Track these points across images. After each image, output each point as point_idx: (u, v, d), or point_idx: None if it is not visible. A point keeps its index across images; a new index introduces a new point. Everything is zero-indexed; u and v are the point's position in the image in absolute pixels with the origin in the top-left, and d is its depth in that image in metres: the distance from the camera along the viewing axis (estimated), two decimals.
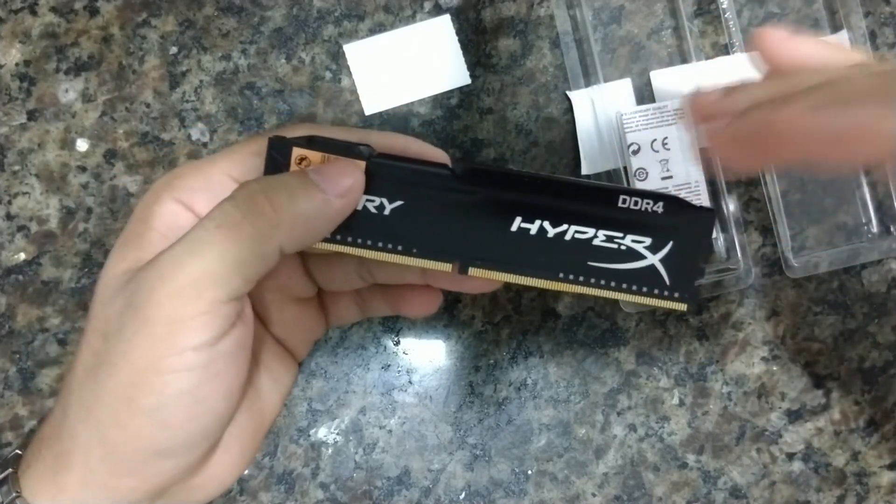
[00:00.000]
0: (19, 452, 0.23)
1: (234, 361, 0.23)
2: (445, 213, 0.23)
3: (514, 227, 0.22)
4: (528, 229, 0.22)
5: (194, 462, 0.24)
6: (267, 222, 0.21)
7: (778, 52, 0.25)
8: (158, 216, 0.22)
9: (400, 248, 0.23)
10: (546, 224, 0.22)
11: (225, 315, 0.21)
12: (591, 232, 0.23)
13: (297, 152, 0.22)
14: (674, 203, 0.22)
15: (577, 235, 0.23)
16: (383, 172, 0.22)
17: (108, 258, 0.22)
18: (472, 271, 0.23)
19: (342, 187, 0.22)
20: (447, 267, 0.23)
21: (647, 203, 0.22)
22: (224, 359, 0.22)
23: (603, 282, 0.23)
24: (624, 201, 0.22)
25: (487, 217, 0.23)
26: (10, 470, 0.22)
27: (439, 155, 0.24)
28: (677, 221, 0.22)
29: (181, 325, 0.20)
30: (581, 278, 0.23)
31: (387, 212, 0.22)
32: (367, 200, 0.22)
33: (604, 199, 0.22)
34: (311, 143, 0.22)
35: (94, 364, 0.21)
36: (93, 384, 0.21)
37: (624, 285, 0.23)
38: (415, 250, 0.23)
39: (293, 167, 0.22)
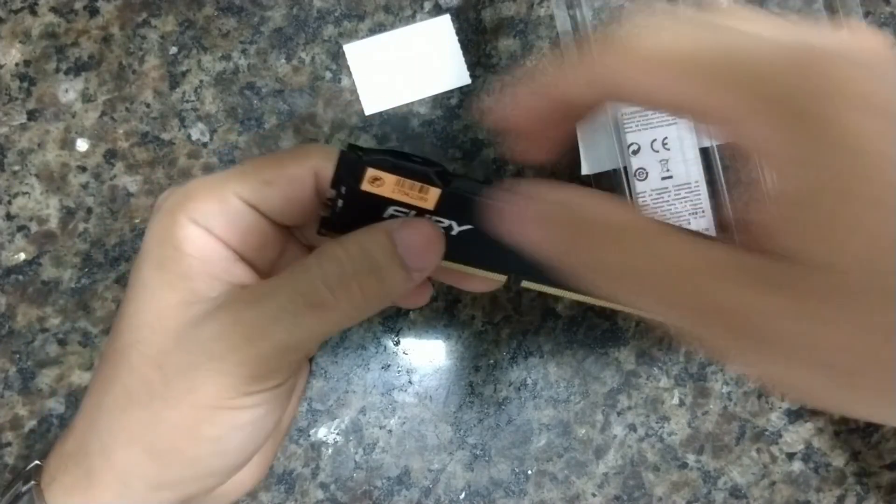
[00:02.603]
0: (39, 463, 0.23)
1: (290, 392, 0.24)
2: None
3: None
4: None
5: (230, 477, 0.24)
6: (356, 307, 0.21)
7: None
8: (188, 241, 0.22)
9: (458, 260, 0.23)
10: None
11: (296, 367, 0.23)
12: None
13: (371, 172, 0.21)
14: None
15: None
16: (458, 197, 0.22)
17: (144, 283, 0.22)
18: (525, 283, 0.24)
19: (425, 262, 0.22)
20: (500, 277, 0.24)
21: None
22: (285, 392, 0.23)
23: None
24: None
25: None
26: (34, 482, 0.22)
27: None
28: None
29: (258, 377, 0.21)
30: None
31: (454, 232, 0.22)
32: (437, 220, 0.22)
33: None
34: (386, 162, 0.21)
35: (144, 393, 0.21)
36: (143, 413, 0.22)
37: None
38: (472, 264, 0.23)
39: (365, 184, 0.21)
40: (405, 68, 0.34)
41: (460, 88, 0.34)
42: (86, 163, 0.33)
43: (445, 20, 0.34)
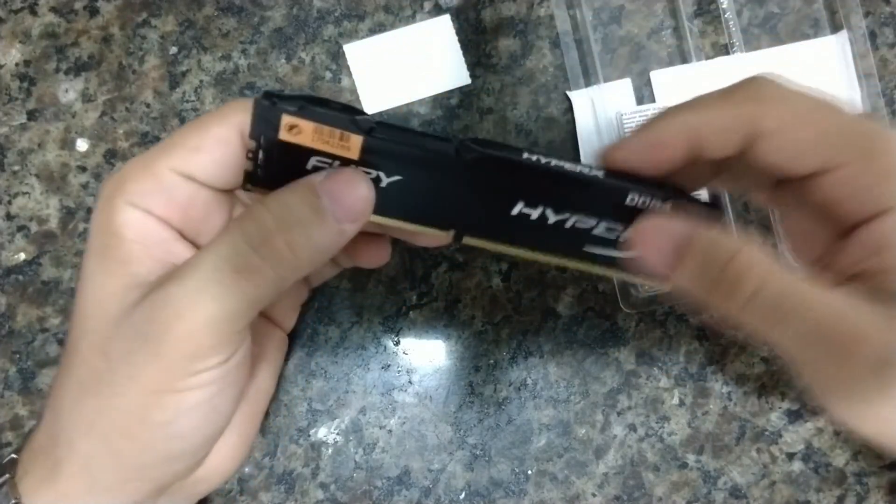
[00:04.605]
0: (14, 457, 0.23)
1: (245, 367, 0.23)
2: (445, 191, 0.22)
3: (514, 211, 0.22)
4: (529, 214, 0.22)
5: (201, 460, 0.24)
6: (287, 265, 0.20)
7: None
8: (127, 226, 0.22)
9: (393, 215, 0.22)
10: (548, 212, 0.22)
11: (239, 339, 0.22)
12: (592, 223, 0.22)
13: (286, 120, 0.20)
14: (682, 203, 0.22)
15: (577, 224, 0.22)
16: (383, 145, 0.21)
17: (88, 273, 0.22)
18: (467, 240, 0.23)
19: (355, 213, 0.21)
20: (443, 234, 0.23)
21: (656, 203, 0.22)
22: (236, 369, 0.22)
23: (594, 262, 0.23)
24: (632, 199, 0.22)
25: (489, 199, 0.22)
26: (8, 475, 0.22)
27: None
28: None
29: (197, 355, 0.20)
30: (573, 257, 0.23)
31: (383, 184, 0.21)
32: (364, 171, 0.21)
33: (612, 196, 0.22)
34: (303, 109, 0.20)
35: (94, 382, 0.21)
36: (94, 401, 0.21)
37: (613, 266, 0.23)
38: (409, 219, 0.22)
39: (282, 132, 0.20)
40: (405, 68, 0.34)
41: (460, 88, 0.34)
42: (86, 163, 0.33)
43: (445, 20, 0.34)
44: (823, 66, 0.34)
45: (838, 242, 0.22)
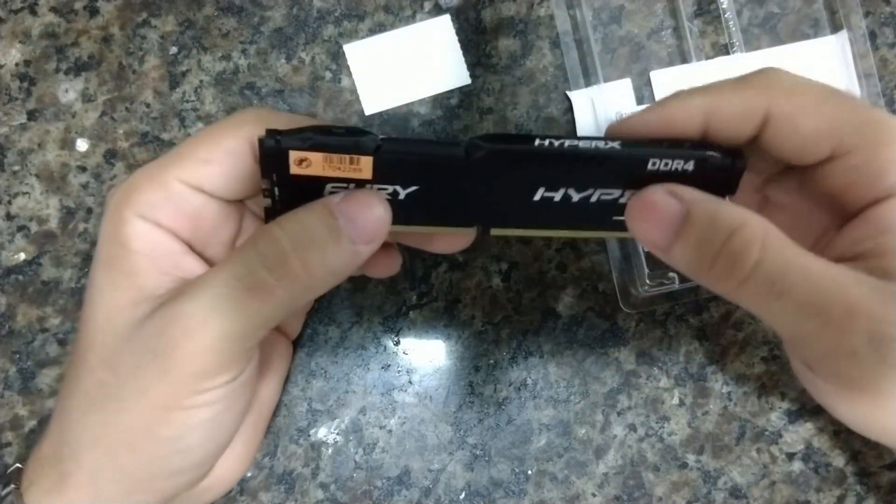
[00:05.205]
0: (20, 466, 0.23)
1: (251, 383, 0.23)
2: (463, 192, 0.22)
3: (536, 197, 0.22)
4: (552, 197, 0.22)
5: (206, 473, 0.24)
6: (301, 286, 0.20)
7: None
8: (135, 238, 0.22)
9: (415, 222, 0.22)
10: (571, 191, 0.22)
11: (247, 357, 0.22)
12: (617, 193, 0.22)
13: (294, 155, 0.20)
14: (704, 161, 0.22)
15: (602, 197, 0.22)
16: (393, 161, 0.21)
17: (95, 284, 0.22)
18: (495, 231, 0.23)
19: (370, 234, 0.21)
20: (467, 232, 0.23)
21: (678, 163, 0.22)
22: (243, 386, 0.22)
23: (626, 230, 0.23)
24: (654, 164, 0.21)
25: (509, 191, 0.22)
26: (14, 485, 0.22)
27: None
28: (705, 174, 0.22)
29: (205, 373, 0.20)
30: (603, 228, 0.23)
31: (401, 196, 0.22)
32: (380, 188, 0.21)
33: (633, 166, 0.22)
34: (307, 142, 0.20)
35: (100, 396, 0.21)
36: (100, 415, 0.21)
37: None
38: (432, 223, 0.22)
39: (293, 167, 0.20)
40: (405, 68, 0.34)
41: (460, 88, 0.34)
42: (86, 163, 0.33)
43: (445, 20, 0.34)
44: (823, 66, 0.34)
45: (834, 229, 0.22)
